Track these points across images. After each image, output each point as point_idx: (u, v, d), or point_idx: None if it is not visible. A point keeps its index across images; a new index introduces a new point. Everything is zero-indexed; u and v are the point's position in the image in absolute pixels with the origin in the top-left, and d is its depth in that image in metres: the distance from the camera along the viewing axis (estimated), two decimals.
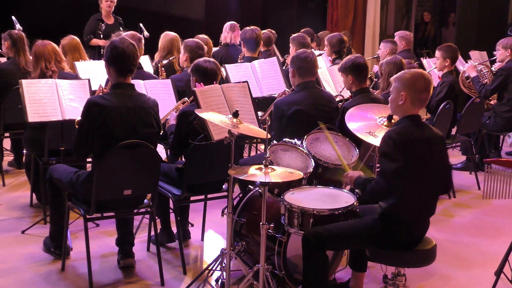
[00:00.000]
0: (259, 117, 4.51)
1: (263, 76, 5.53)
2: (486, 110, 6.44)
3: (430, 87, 3.24)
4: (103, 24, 7.51)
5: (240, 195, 3.97)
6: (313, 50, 5.95)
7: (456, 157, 6.94)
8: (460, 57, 6.69)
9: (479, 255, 4.43)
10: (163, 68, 5.57)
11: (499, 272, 3.81)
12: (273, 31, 7.24)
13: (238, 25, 6.78)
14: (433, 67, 6.33)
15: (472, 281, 4.02)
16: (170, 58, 5.64)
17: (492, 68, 6.56)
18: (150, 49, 6.37)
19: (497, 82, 6.25)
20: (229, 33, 6.68)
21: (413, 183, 3.11)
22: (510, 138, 6.18)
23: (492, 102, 6.60)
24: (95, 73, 5.18)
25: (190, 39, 5.32)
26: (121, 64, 3.59)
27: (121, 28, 7.43)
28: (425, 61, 6.86)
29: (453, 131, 5.92)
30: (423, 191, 3.17)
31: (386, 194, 3.17)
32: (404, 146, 3.08)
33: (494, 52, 6.65)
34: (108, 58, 3.61)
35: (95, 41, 7.45)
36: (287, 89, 5.13)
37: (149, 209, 3.85)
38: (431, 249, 3.25)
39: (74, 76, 4.90)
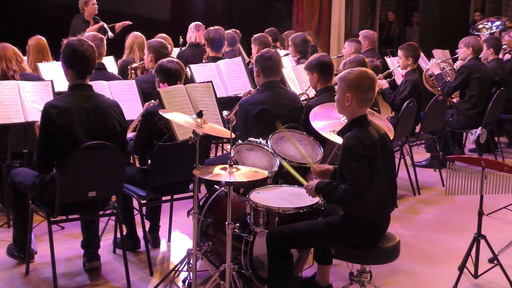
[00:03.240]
0: (225, 116, 4.51)
1: (228, 76, 5.53)
2: (449, 107, 6.55)
3: (375, 86, 3.22)
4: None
5: (206, 195, 3.96)
6: (278, 50, 5.98)
7: (420, 154, 7.05)
8: (422, 55, 6.80)
9: (443, 251, 4.50)
10: (133, 71, 5.54)
11: (462, 267, 3.88)
12: (238, 31, 7.27)
13: (204, 25, 6.77)
14: (397, 65, 6.41)
15: (436, 277, 4.08)
16: (139, 63, 5.61)
17: (454, 66, 6.69)
18: (116, 50, 6.32)
19: (459, 79, 6.37)
20: (194, 32, 6.67)
21: (374, 184, 3.14)
22: (472, 135, 6.32)
23: (454, 100, 6.72)
24: (58, 74, 5.09)
25: (153, 39, 5.29)
26: (81, 67, 3.56)
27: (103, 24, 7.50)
28: (389, 60, 6.94)
29: (417, 129, 6.01)
30: (382, 189, 3.19)
31: (359, 202, 3.08)
32: (364, 152, 3.09)
33: (456, 51, 6.78)
34: (67, 61, 3.57)
35: (92, 28, 7.46)
36: (252, 89, 5.15)
37: (114, 211, 3.82)
38: (394, 246, 3.28)
39: (36, 77, 4.83)
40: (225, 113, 4.65)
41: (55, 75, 5.05)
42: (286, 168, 3.56)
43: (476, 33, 7.92)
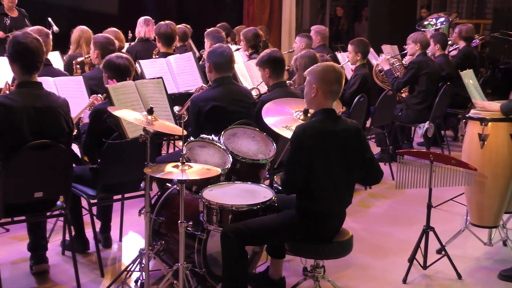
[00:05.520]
0: (176, 112, 4.44)
1: (179, 71, 5.44)
2: (398, 102, 6.67)
3: (341, 79, 3.28)
4: (7, 19, 7.21)
5: (158, 194, 3.90)
6: (229, 45, 5.94)
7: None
8: (372, 50, 6.89)
9: (394, 244, 4.57)
10: (78, 66, 5.38)
11: (412, 259, 3.96)
12: (188, 26, 7.17)
13: (153, 20, 6.65)
14: (346, 60, 6.47)
15: (388, 269, 4.14)
16: (84, 57, 5.45)
17: (403, 62, 6.80)
18: (61, 45, 6.13)
19: (409, 75, 6.49)
20: (143, 27, 6.54)
21: (326, 176, 3.16)
22: (420, 129, 6.45)
23: (403, 95, 6.84)
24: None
25: (100, 34, 5.11)
26: (25, 60, 3.41)
27: (26, 20, 7.17)
28: (339, 55, 7.01)
29: (368, 123, 6.08)
30: (337, 183, 3.21)
31: (287, 188, 3.24)
32: (314, 139, 3.11)
33: (405, 46, 6.89)
34: (11, 55, 3.43)
35: None
36: (204, 85, 5.09)
37: (63, 212, 3.71)
38: (347, 240, 3.31)
39: None
40: (176, 108, 4.58)
41: None
42: None
43: (422, 29, 8.08)
